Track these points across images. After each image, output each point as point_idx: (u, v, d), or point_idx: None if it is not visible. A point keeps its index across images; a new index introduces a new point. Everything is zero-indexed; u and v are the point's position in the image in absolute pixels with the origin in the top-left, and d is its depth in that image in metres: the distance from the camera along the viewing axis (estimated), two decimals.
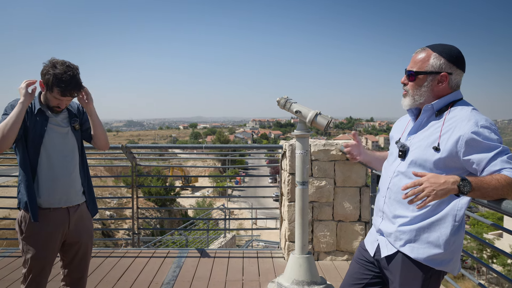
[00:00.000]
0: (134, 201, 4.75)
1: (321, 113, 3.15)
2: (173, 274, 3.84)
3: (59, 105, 2.30)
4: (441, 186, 1.43)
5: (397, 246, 1.70)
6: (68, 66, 2.20)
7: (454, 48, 1.68)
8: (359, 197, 4.21)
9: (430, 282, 1.66)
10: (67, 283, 2.47)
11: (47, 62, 2.22)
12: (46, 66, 2.21)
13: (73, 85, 2.21)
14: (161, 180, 26.07)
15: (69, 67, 2.20)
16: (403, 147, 1.73)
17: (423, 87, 1.70)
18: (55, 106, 2.29)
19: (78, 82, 2.24)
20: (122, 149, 4.50)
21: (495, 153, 1.49)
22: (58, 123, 2.35)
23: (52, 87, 2.19)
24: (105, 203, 16.29)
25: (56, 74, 2.16)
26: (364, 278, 1.87)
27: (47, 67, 2.20)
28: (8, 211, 10.74)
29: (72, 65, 2.24)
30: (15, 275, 3.73)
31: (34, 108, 2.30)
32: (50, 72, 2.17)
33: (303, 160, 3.30)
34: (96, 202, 2.59)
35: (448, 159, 1.58)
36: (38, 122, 2.27)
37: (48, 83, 2.19)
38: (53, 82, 2.17)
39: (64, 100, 2.28)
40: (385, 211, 1.79)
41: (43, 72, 2.21)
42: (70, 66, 2.21)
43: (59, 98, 2.24)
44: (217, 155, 8.68)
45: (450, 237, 1.61)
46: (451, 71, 1.66)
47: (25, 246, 2.27)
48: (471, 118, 1.56)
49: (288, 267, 3.38)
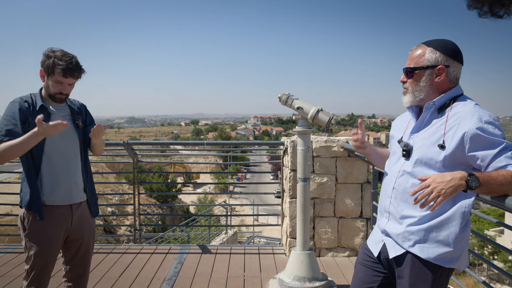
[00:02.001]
0: (136, 197, 4.76)
1: (322, 109, 3.14)
2: (175, 270, 3.85)
3: (62, 91, 2.29)
4: (448, 183, 1.41)
5: (405, 246, 1.68)
6: (67, 52, 2.27)
7: (449, 42, 1.68)
8: (360, 193, 4.21)
9: (440, 281, 1.65)
10: (69, 279, 2.47)
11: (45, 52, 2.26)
12: (46, 54, 2.25)
13: (74, 65, 2.25)
14: (162, 177, 26.12)
15: (68, 52, 2.27)
16: (406, 146, 1.71)
17: (421, 82, 1.69)
18: (57, 92, 2.28)
19: (78, 63, 2.28)
20: (123, 146, 4.50)
21: (499, 149, 1.48)
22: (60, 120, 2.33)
23: (53, 68, 2.21)
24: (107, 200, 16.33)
25: (57, 55, 2.22)
26: (374, 281, 1.83)
27: (47, 54, 2.24)
28: (10, 207, 10.76)
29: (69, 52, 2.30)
30: (17, 271, 3.74)
31: (35, 104, 2.27)
32: (51, 55, 2.22)
33: (305, 157, 3.30)
34: (97, 202, 2.58)
35: (454, 156, 1.56)
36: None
37: (49, 67, 2.21)
38: (54, 63, 2.20)
39: (65, 84, 2.27)
40: (391, 211, 1.76)
41: (43, 60, 2.24)
42: (69, 52, 2.28)
43: (61, 81, 2.24)
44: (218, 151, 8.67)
45: (459, 235, 1.60)
46: (448, 64, 1.65)
47: (28, 242, 2.27)
48: (475, 113, 1.54)
49: (290, 263, 3.38)
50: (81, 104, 2.51)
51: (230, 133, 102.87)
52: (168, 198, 29.00)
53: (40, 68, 2.25)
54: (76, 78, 2.30)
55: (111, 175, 21.31)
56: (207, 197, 34.59)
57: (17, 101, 2.25)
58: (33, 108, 2.26)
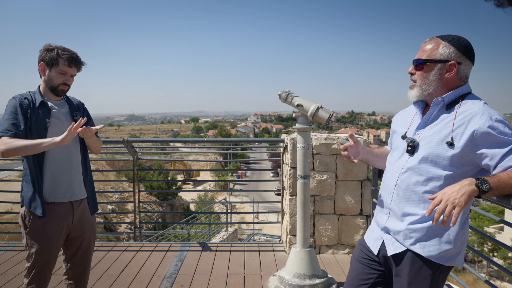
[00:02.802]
0: (136, 195, 4.76)
1: (322, 106, 3.14)
2: (175, 268, 3.86)
3: (65, 81, 2.31)
4: (459, 192, 1.37)
5: (406, 244, 1.66)
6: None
7: (464, 39, 1.65)
8: (360, 190, 4.21)
9: (438, 278, 1.64)
10: (70, 276, 2.48)
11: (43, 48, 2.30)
12: (46, 48, 2.28)
13: (76, 56, 2.31)
14: (162, 174, 26.11)
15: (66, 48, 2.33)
16: (412, 142, 1.67)
17: (431, 75, 1.65)
18: (61, 83, 2.30)
19: (78, 57, 2.33)
20: (123, 143, 4.49)
21: (509, 148, 1.46)
22: (60, 117, 2.33)
23: (57, 59, 2.25)
24: (107, 197, 16.33)
25: (59, 47, 2.28)
26: (369, 278, 1.82)
27: (47, 48, 2.28)
28: (11, 205, 10.77)
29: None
30: (17, 269, 3.74)
31: (35, 100, 2.27)
32: (52, 47, 2.27)
33: (305, 154, 3.30)
34: (96, 199, 2.58)
35: (462, 154, 1.54)
36: (40, 115, 2.25)
37: (52, 58, 2.25)
38: (58, 54, 2.25)
39: (69, 74, 2.31)
40: (392, 208, 1.73)
41: (43, 54, 2.27)
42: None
43: (65, 71, 2.28)
44: (218, 149, 8.68)
45: (459, 232, 1.60)
46: (460, 61, 1.62)
47: (29, 240, 2.27)
48: (484, 112, 1.52)
49: (290, 260, 3.39)
50: (79, 101, 2.51)
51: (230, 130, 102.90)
52: (168, 195, 29.01)
53: (40, 62, 2.27)
54: (79, 68, 2.35)
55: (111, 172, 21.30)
56: (207, 195, 34.60)
57: (17, 97, 2.26)
58: (33, 104, 2.26)
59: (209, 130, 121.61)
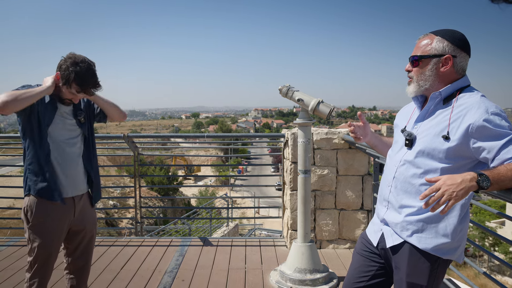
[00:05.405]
0: (137, 190, 4.77)
1: (323, 101, 3.13)
2: (176, 263, 3.87)
3: (73, 100, 2.34)
4: (459, 186, 1.37)
5: (403, 236, 1.67)
6: (89, 63, 2.25)
7: (458, 32, 1.65)
8: (361, 185, 4.21)
9: (437, 271, 1.64)
10: (71, 271, 2.49)
11: (67, 58, 2.25)
12: (66, 61, 2.23)
13: (92, 84, 2.27)
14: (163, 170, 26.14)
15: (89, 64, 2.25)
16: (410, 136, 1.69)
17: (427, 71, 1.66)
18: (67, 99, 2.33)
19: (97, 81, 2.29)
20: (124, 139, 4.50)
21: (506, 141, 1.45)
22: (64, 115, 2.36)
23: (71, 83, 2.23)
24: (108, 193, 16.36)
25: (78, 72, 2.20)
26: (370, 270, 1.84)
27: (68, 63, 2.22)
28: (13, 200, 10.80)
29: (91, 62, 2.28)
30: (19, 264, 3.76)
31: (45, 97, 2.30)
32: (71, 69, 2.20)
33: (305, 149, 3.29)
34: (100, 189, 2.61)
35: (458, 148, 1.54)
36: (47, 111, 2.28)
37: (68, 79, 2.22)
38: (74, 79, 2.21)
39: (78, 96, 2.32)
40: (390, 200, 1.75)
41: (63, 67, 2.23)
42: (90, 64, 2.26)
43: (75, 94, 2.28)
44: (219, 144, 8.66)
45: (457, 226, 1.60)
46: (455, 54, 1.62)
47: (32, 235, 2.29)
48: (481, 105, 1.52)
49: (291, 255, 3.39)
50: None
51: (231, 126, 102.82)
52: (169, 191, 29.05)
53: (57, 71, 2.26)
54: (90, 95, 2.34)
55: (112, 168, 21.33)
56: (208, 190, 34.64)
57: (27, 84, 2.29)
58: (43, 99, 2.29)
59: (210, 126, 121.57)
